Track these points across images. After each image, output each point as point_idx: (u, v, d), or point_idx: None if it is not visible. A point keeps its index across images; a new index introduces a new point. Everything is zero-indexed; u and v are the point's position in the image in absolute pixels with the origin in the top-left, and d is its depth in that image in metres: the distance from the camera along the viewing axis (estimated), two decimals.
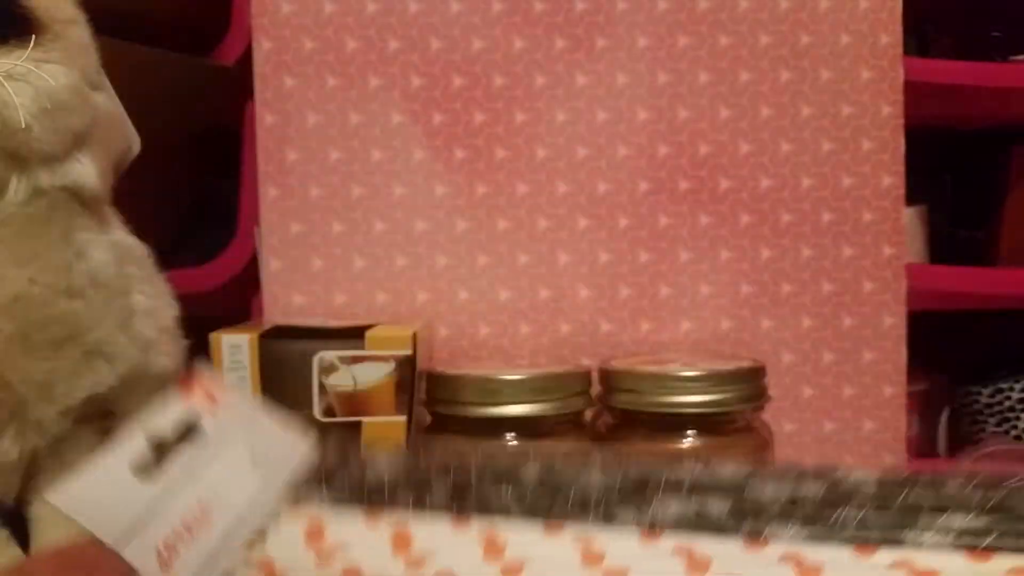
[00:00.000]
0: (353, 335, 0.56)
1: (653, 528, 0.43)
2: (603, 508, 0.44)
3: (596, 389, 0.61)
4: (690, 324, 0.67)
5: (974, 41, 0.77)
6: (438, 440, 0.58)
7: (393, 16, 0.67)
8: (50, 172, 0.45)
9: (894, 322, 0.67)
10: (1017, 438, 0.78)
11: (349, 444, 0.55)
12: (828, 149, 0.67)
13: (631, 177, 0.67)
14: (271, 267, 0.67)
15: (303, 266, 0.67)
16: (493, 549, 0.42)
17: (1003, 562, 0.39)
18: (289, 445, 0.40)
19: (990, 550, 0.39)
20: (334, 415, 0.55)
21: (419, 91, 0.67)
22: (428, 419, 0.60)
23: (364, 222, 0.67)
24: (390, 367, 0.55)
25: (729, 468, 0.46)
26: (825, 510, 0.42)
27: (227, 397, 0.40)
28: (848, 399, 0.67)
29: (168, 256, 0.59)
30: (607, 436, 0.60)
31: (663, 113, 0.67)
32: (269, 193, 0.67)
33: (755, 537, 0.42)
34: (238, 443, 0.39)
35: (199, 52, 0.67)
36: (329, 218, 0.67)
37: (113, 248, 0.49)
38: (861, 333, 0.67)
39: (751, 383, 0.58)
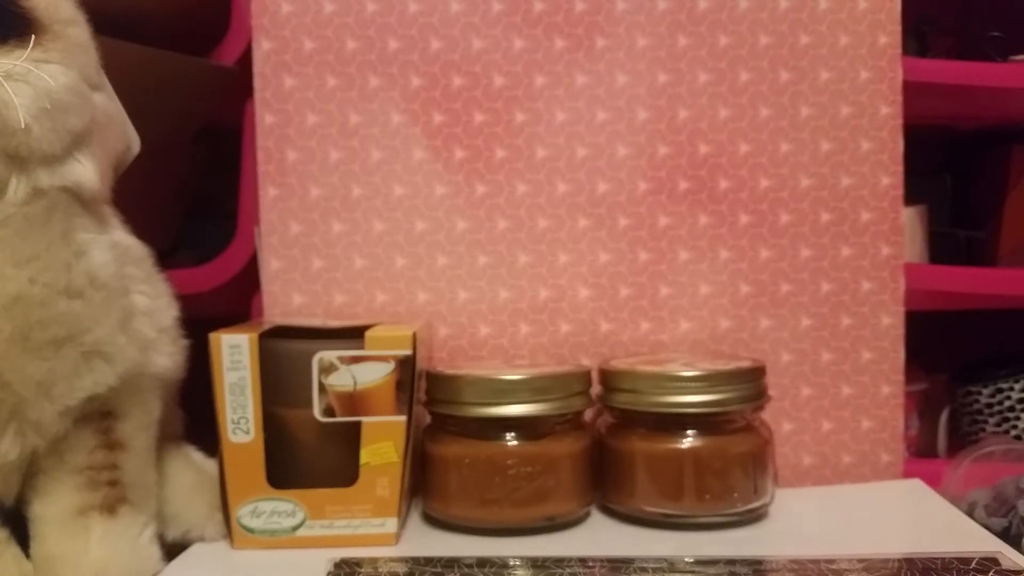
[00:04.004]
0: (353, 335, 0.56)
1: None
2: None
3: (596, 389, 0.61)
4: (689, 324, 0.67)
5: (974, 41, 0.77)
6: (438, 440, 0.58)
7: (393, 16, 0.67)
8: (50, 172, 0.46)
9: (892, 322, 0.67)
10: (1017, 438, 0.78)
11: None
12: (827, 149, 0.67)
13: (631, 177, 0.67)
14: (271, 267, 0.67)
15: (303, 266, 0.67)
16: None
17: None
18: None
19: None
20: (334, 415, 0.55)
21: (419, 91, 0.67)
22: (428, 419, 0.60)
23: (364, 222, 0.67)
24: (390, 367, 0.55)
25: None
26: None
27: None
28: (846, 398, 0.67)
29: (168, 256, 0.59)
30: (607, 436, 0.60)
31: (663, 113, 0.67)
32: (269, 193, 0.67)
33: None
34: None
35: (199, 52, 0.67)
36: (329, 218, 0.67)
37: (113, 248, 0.49)
38: (859, 333, 0.67)
39: (751, 383, 0.58)
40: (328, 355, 0.55)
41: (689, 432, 0.57)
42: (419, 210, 0.67)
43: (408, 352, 0.55)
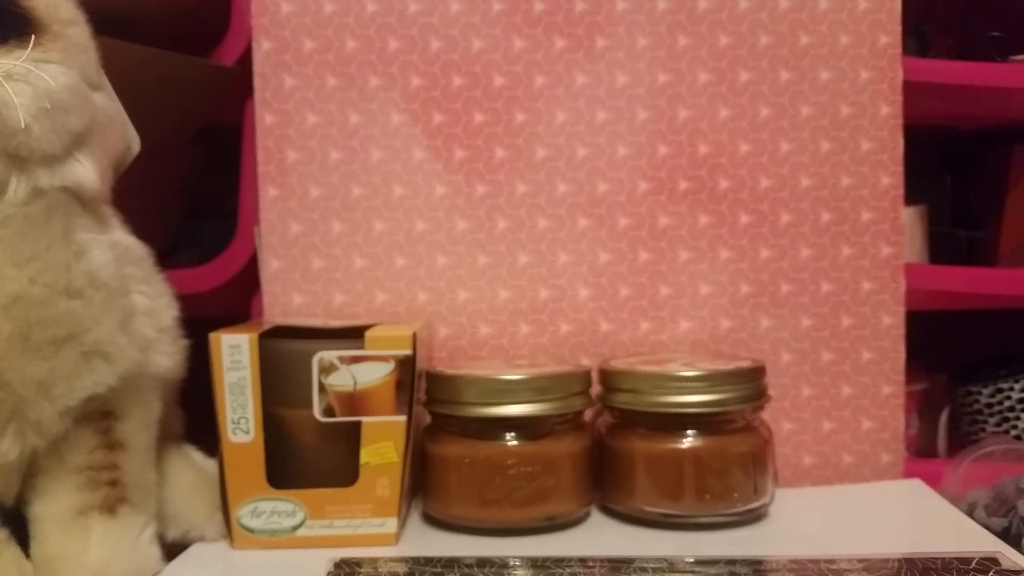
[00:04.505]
0: (353, 335, 0.56)
1: None
2: None
3: (596, 389, 0.61)
4: (689, 324, 0.67)
5: (974, 41, 0.77)
6: (438, 440, 0.58)
7: (393, 16, 0.67)
8: (50, 172, 0.46)
9: (892, 322, 0.67)
10: (1017, 438, 0.78)
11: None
12: (827, 149, 0.67)
13: (631, 177, 0.67)
14: (271, 267, 0.67)
15: (303, 266, 0.67)
16: None
17: None
18: None
19: None
20: (334, 415, 0.55)
21: (419, 91, 0.67)
22: (428, 419, 0.60)
23: (364, 222, 0.67)
24: (390, 367, 0.55)
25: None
26: None
27: None
28: (847, 398, 0.67)
29: (168, 256, 0.59)
30: (607, 436, 0.60)
31: (663, 113, 0.67)
32: (269, 193, 0.67)
33: None
34: None
35: (199, 52, 0.67)
36: (329, 218, 0.67)
37: (113, 248, 0.49)
38: (860, 333, 0.67)
39: (751, 383, 0.58)
40: (328, 355, 0.55)
41: (689, 432, 0.57)
42: (419, 210, 0.67)
43: (408, 352, 0.55)
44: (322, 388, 0.55)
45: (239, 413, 0.54)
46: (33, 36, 0.44)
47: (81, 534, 0.48)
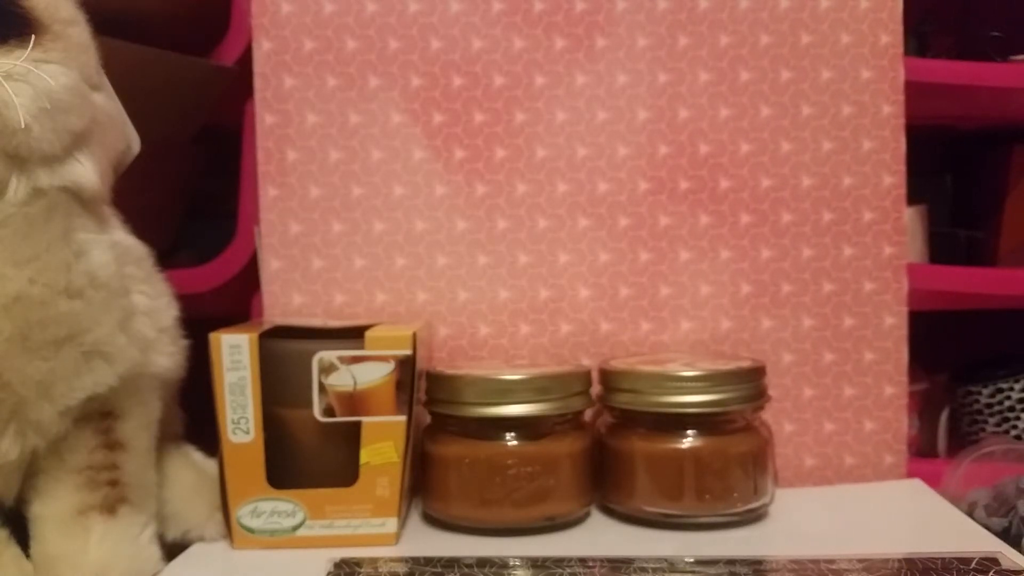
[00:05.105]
0: (353, 335, 0.56)
1: None
2: None
3: (596, 389, 0.61)
4: (690, 324, 0.67)
5: (974, 41, 0.77)
6: (438, 440, 0.58)
7: (393, 16, 0.67)
8: (49, 172, 0.46)
9: (895, 322, 0.67)
10: (1017, 438, 0.78)
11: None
12: (828, 148, 0.67)
13: (631, 177, 0.67)
14: (271, 267, 0.67)
15: (303, 266, 0.67)
16: None
17: None
18: None
19: None
20: (334, 415, 0.55)
21: (419, 91, 0.67)
22: (428, 419, 0.60)
23: (364, 222, 0.67)
24: (390, 367, 0.55)
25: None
26: None
27: None
28: (848, 399, 0.67)
29: (168, 256, 0.59)
30: (607, 436, 0.60)
31: (663, 113, 0.67)
32: (269, 193, 0.67)
33: None
34: None
35: (199, 52, 0.67)
36: (329, 218, 0.67)
37: (113, 248, 0.49)
38: (862, 333, 0.67)
39: (751, 383, 0.58)
40: (328, 355, 0.55)
41: (689, 432, 0.57)
42: (419, 210, 0.67)
43: (408, 352, 0.55)
44: (322, 388, 0.55)
45: (239, 413, 0.54)
46: (33, 36, 0.44)
47: (81, 534, 0.48)
